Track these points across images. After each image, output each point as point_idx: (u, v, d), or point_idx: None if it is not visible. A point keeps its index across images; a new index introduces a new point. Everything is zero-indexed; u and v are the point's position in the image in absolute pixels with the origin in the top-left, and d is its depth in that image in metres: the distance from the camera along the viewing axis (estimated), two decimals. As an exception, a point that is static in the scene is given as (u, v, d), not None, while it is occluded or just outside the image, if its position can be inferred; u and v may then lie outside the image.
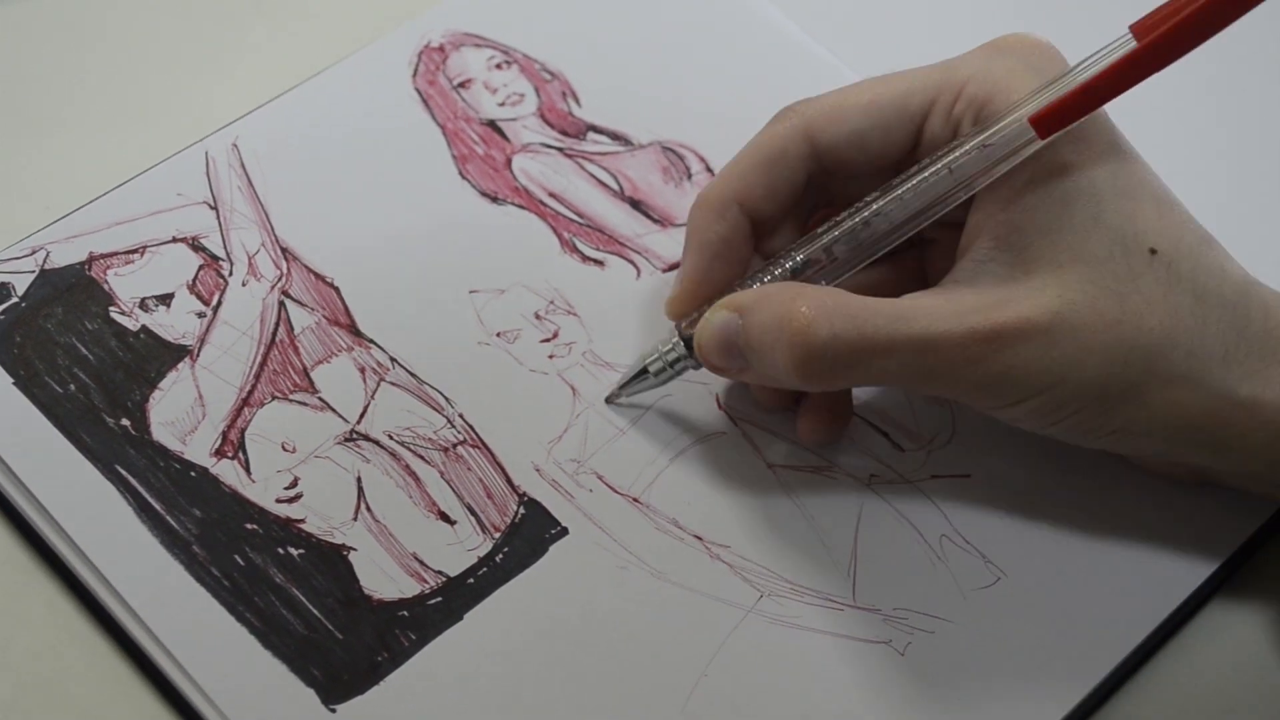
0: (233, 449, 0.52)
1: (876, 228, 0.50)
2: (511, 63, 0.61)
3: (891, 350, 0.47)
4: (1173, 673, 0.51)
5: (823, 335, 0.47)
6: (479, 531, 0.51)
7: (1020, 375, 0.47)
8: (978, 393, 0.48)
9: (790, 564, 0.51)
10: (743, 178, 0.52)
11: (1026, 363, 0.47)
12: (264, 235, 0.56)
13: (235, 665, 0.48)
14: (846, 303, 0.48)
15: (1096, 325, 0.47)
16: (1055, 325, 0.47)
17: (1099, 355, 0.47)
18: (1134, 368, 0.47)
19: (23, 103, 0.60)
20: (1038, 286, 0.47)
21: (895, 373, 0.48)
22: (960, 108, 0.50)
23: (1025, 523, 0.52)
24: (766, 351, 0.49)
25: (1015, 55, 0.50)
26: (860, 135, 0.51)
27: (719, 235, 0.52)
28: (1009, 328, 0.47)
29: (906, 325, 0.47)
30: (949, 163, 0.49)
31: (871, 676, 0.50)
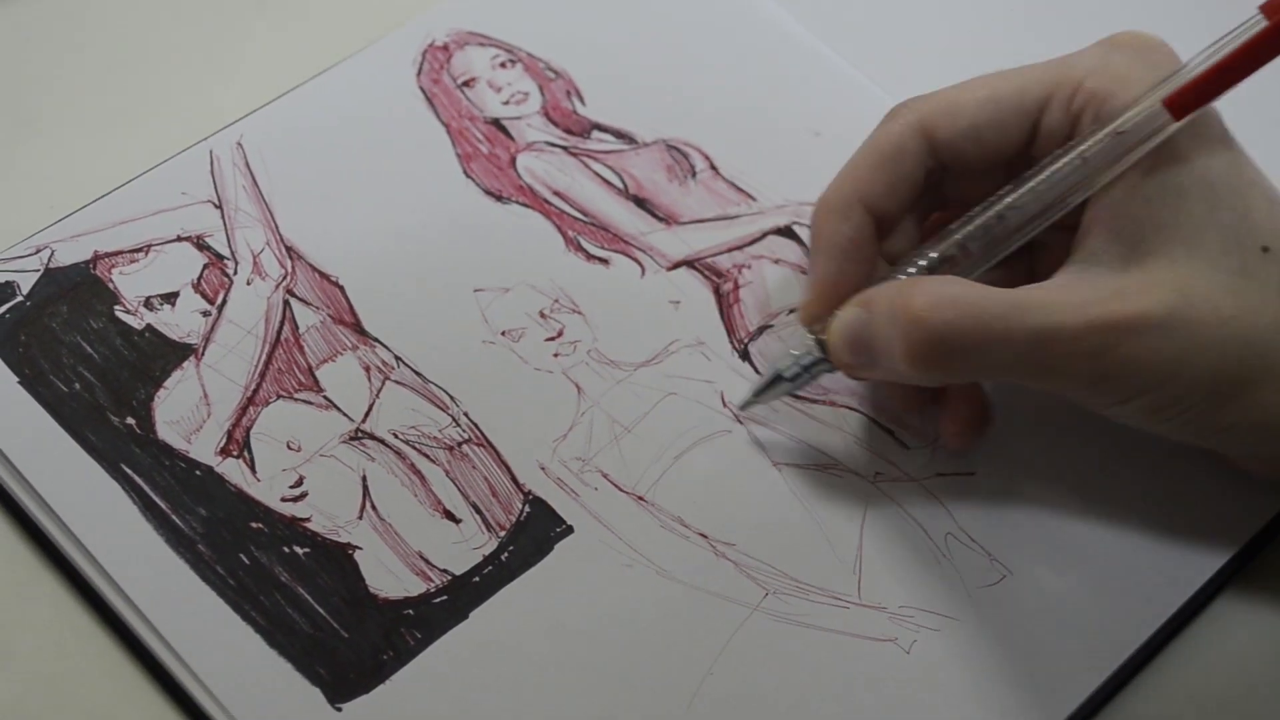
0: (238, 448, 0.52)
1: (1011, 221, 0.49)
2: (516, 61, 0.61)
3: (1008, 341, 0.47)
4: (1179, 669, 0.51)
5: (937, 324, 0.47)
6: (484, 530, 0.51)
7: (1135, 369, 0.47)
8: (1092, 387, 0.48)
9: (796, 562, 0.51)
10: (864, 177, 0.51)
11: (1142, 356, 0.47)
12: (269, 234, 0.56)
13: (241, 664, 0.48)
14: (963, 292, 0.47)
15: (1211, 320, 0.47)
16: (1171, 319, 0.47)
17: (1213, 351, 0.47)
18: (1247, 364, 0.47)
19: (27, 102, 0.60)
20: (1154, 280, 0.47)
21: (1011, 364, 0.48)
22: (1080, 100, 0.49)
23: (1030, 520, 0.52)
24: (887, 343, 0.48)
25: (1131, 51, 0.50)
26: (977, 130, 0.51)
27: (846, 236, 0.51)
28: (1125, 320, 0.47)
29: (1022, 316, 0.47)
30: (1082, 152, 0.48)
31: (877, 674, 0.50)
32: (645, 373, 0.55)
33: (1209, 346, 0.47)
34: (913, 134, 0.51)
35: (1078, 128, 0.50)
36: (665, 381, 0.54)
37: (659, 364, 0.55)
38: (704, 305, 0.56)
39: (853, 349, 0.50)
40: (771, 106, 0.61)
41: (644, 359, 0.55)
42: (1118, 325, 0.47)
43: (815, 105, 0.61)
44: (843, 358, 0.50)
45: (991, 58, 0.64)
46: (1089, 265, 0.48)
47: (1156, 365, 0.47)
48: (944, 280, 0.49)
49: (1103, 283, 0.48)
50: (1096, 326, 0.47)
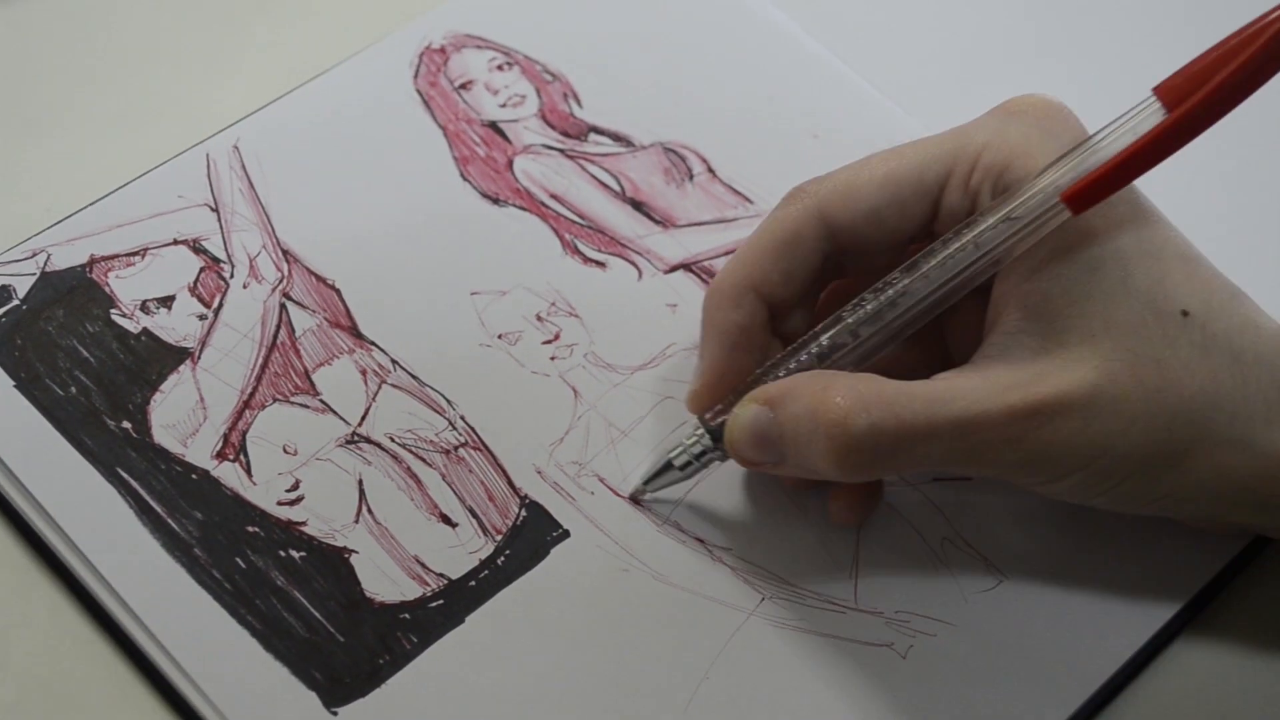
0: (234, 451, 0.52)
1: (903, 307, 0.48)
2: (513, 64, 0.61)
3: (932, 436, 0.46)
4: (1175, 675, 0.51)
5: (861, 426, 0.46)
6: (480, 534, 0.51)
7: (1063, 450, 0.46)
8: (1021, 471, 0.47)
9: (792, 567, 0.51)
10: (757, 264, 0.50)
11: (1069, 437, 0.46)
12: (265, 237, 0.56)
13: (237, 668, 0.48)
14: (881, 389, 0.46)
15: (1137, 394, 0.46)
16: (1095, 397, 0.46)
17: (1141, 424, 0.46)
18: (1178, 434, 0.46)
19: (23, 104, 0.60)
20: (1074, 358, 0.46)
21: (937, 458, 0.47)
22: (977, 178, 0.48)
23: (1027, 526, 0.52)
24: (803, 445, 0.47)
25: (1029, 119, 0.49)
26: (876, 213, 0.49)
27: (736, 324, 0.50)
28: (1048, 403, 0.46)
29: (945, 408, 0.46)
30: (974, 237, 0.47)
31: (873, 679, 0.50)
32: (642, 376, 0.55)
33: (1137, 421, 0.46)
34: (810, 220, 0.50)
35: (977, 203, 0.49)
36: (662, 385, 0.54)
37: (656, 367, 0.55)
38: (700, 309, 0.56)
39: (758, 448, 0.49)
40: (769, 109, 0.61)
41: (641, 362, 0.55)
42: (1039, 410, 0.46)
43: (813, 108, 0.61)
44: (746, 454, 0.49)
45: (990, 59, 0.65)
46: (1005, 348, 0.47)
47: (1082, 446, 0.46)
48: (858, 378, 0.47)
49: (1022, 366, 0.47)
50: (1019, 413, 0.46)
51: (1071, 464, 0.47)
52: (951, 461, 0.47)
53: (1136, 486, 0.47)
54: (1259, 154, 0.63)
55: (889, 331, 0.49)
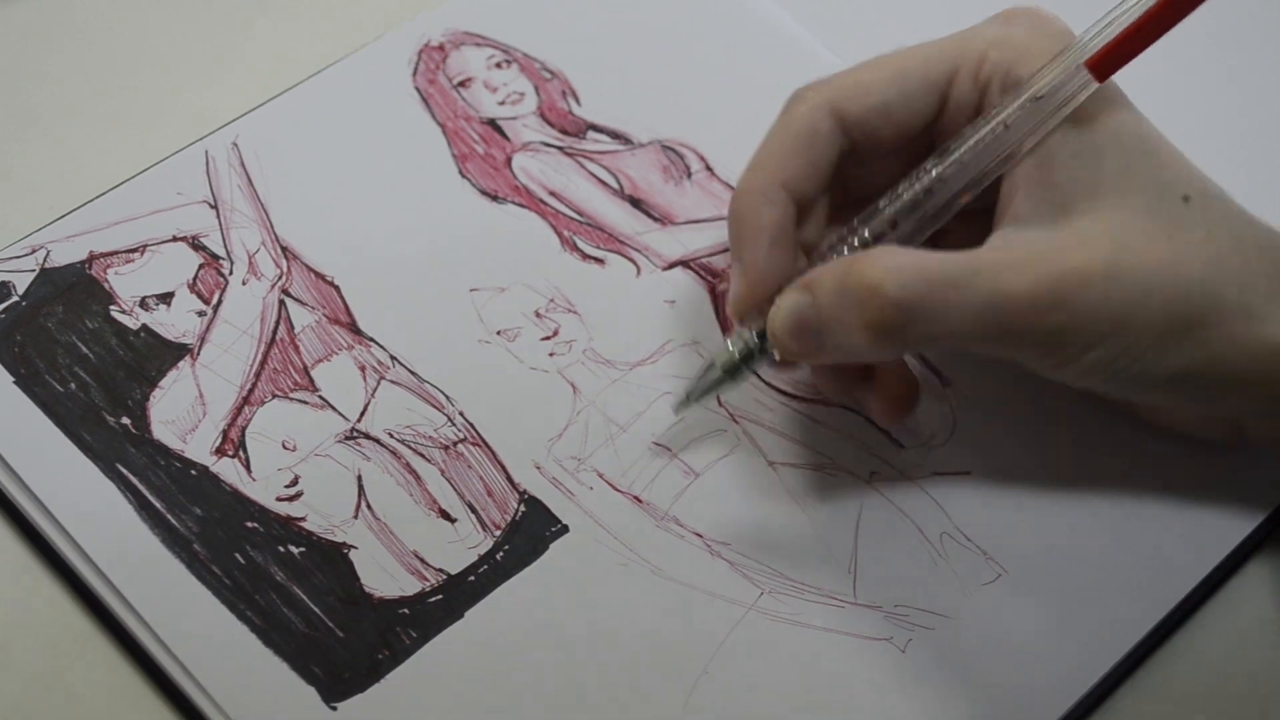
0: (233, 447, 0.52)
1: (939, 194, 0.49)
2: (511, 61, 0.61)
3: (964, 305, 0.47)
4: (1175, 668, 0.51)
5: (894, 292, 0.47)
6: (479, 529, 0.51)
7: (1086, 321, 0.47)
8: (1046, 345, 0.48)
9: (791, 561, 0.51)
10: (781, 160, 0.51)
11: (1093, 307, 0.47)
12: (264, 234, 0.56)
13: (236, 663, 0.48)
14: (915, 258, 0.47)
15: (1152, 265, 0.47)
16: (1113, 269, 0.47)
17: (1159, 294, 0.47)
18: (1193, 304, 0.48)
19: (23, 101, 0.60)
20: (1089, 234, 0.48)
21: (967, 329, 0.47)
22: (987, 71, 0.50)
23: (1026, 520, 0.52)
24: (840, 321, 0.48)
25: (1029, 23, 0.50)
26: (886, 106, 0.51)
27: (772, 220, 0.51)
28: (1070, 274, 0.47)
29: (977, 279, 0.47)
30: (1003, 119, 0.48)
31: (873, 673, 0.50)
32: (640, 372, 0.55)
33: (1153, 291, 0.47)
34: (824, 115, 0.51)
35: (986, 98, 0.50)
36: (660, 381, 0.54)
37: (654, 363, 0.55)
38: (699, 305, 0.56)
39: (799, 334, 0.49)
40: (767, 107, 0.60)
41: (639, 358, 0.55)
42: (1064, 279, 0.47)
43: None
44: (788, 345, 0.49)
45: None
46: (1019, 229, 0.49)
47: (1106, 315, 0.47)
48: (890, 250, 0.48)
49: (1040, 243, 0.48)
50: (1045, 283, 0.47)
51: (1093, 336, 0.47)
52: (981, 334, 0.48)
53: (1152, 362, 0.48)
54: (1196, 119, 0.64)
55: (926, 220, 0.50)
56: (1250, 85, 0.65)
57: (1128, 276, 0.47)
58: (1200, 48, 0.64)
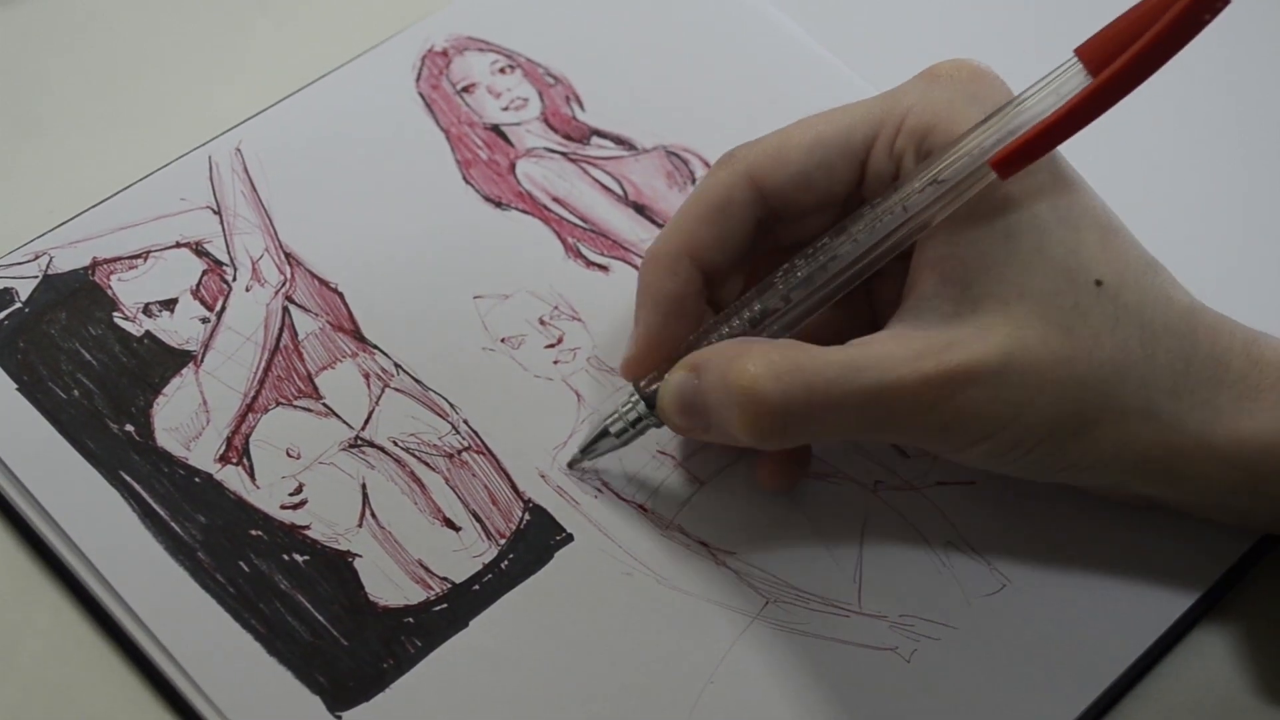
0: (237, 455, 0.52)
1: (832, 270, 0.49)
2: (515, 67, 0.61)
3: (844, 404, 0.47)
4: (1178, 680, 0.51)
5: (772, 395, 0.46)
6: (484, 538, 0.51)
7: (974, 417, 0.47)
8: (932, 438, 0.48)
9: (796, 570, 0.51)
10: (691, 230, 0.51)
11: (980, 404, 0.47)
12: (268, 240, 0.56)
13: (240, 672, 0.48)
14: (794, 358, 0.47)
15: (1047, 362, 0.47)
16: (1006, 365, 0.46)
17: (1051, 392, 0.47)
18: (1086, 403, 0.47)
19: (25, 106, 0.60)
20: (986, 325, 0.47)
21: (850, 426, 0.48)
22: (902, 141, 0.49)
23: (1030, 530, 0.52)
24: (721, 411, 0.48)
25: (953, 84, 0.49)
26: (805, 175, 0.50)
27: (672, 291, 0.50)
28: (960, 370, 0.46)
29: (858, 376, 0.47)
30: (901, 199, 0.48)
31: (877, 683, 0.50)
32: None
33: (1046, 389, 0.47)
34: (740, 184, 0.50)
35: (901, 167, 0.49)
36: (665, 389, 0.54)
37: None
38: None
39: (685, 414, 0.49)
40: (772, 112, 0.60)
41: (644, 366, 0.55)
42: (952, 377, 0.46)
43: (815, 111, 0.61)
44: (675, 421, 0.50)
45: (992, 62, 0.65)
46: (920, 313, 0.48)
47: (993, 413, 0.47)
48: (773, 345, 0.48)
49: (935, 333, 0.47)
50: (931, 380, 0.46)
51: (981, 431, 0.47)
52: (865, 429, 0.48)
53: (1045, 455, 0.48)
54: (1183, 119, 0.64)
55: (820, 295, 0.49)
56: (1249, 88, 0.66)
57: (1018, 376, 0.46)
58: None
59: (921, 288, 0.48)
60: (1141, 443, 0.48)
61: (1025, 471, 0.49)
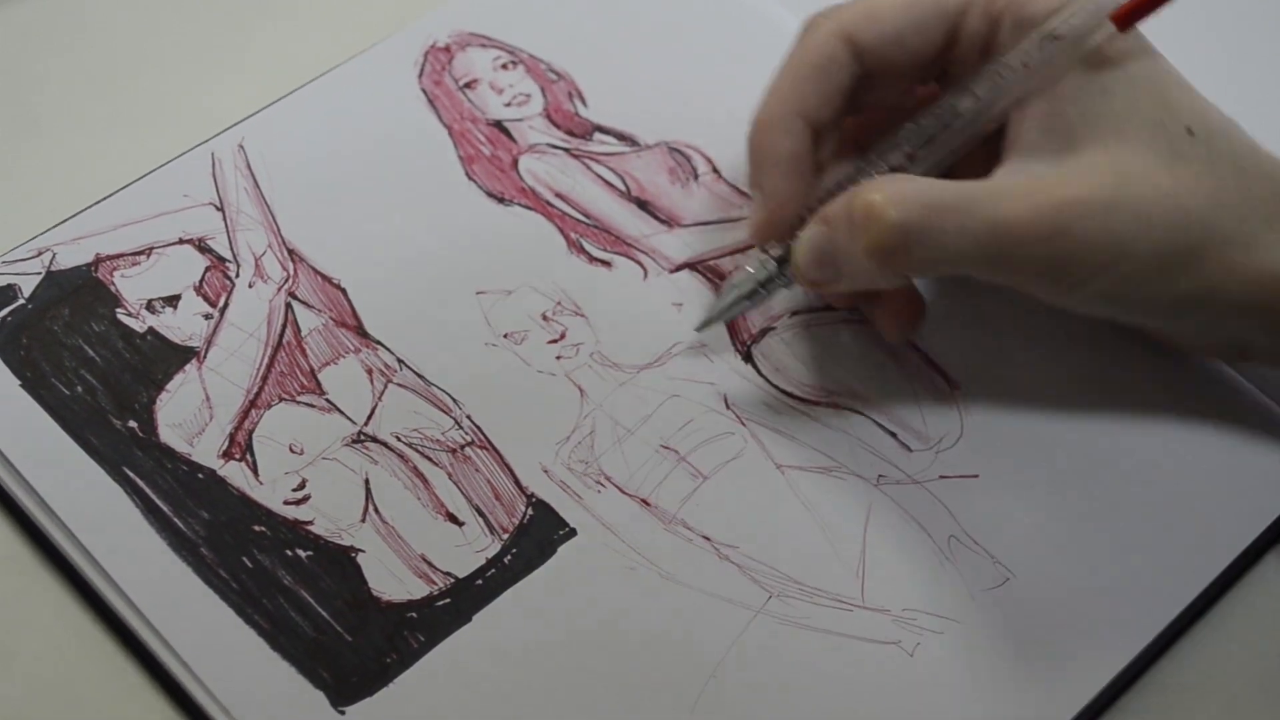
0: (240, 451, 0.52)
1: (956, 127, 0.51)
2: (517, 63, 0.61)
3: (964, 230, 0.48)
4: (1183, 673, 0.51)
5: (893, 215, 0.48)
6: (487, 533, 0.51)
7: (1088, 250, 0.48)
8: (1048, 274, 0.49)
9: (799, 565, 0.51)
10: (799, 90, 0.53)
11: (1092, 235, 0.48)
12: (270, 236, 0.56)
13: (244, 667, 0.48)
14: (917, 184, 0.49)
15: (1152, 196, 0.49)
16: (1115, 197, 0.48)
17: (1159, 223, 0.49)
18: (1192, 233, 0.49)
19: (27, 103, 0.60)
20: (1092, 165, 0.49)
21: (969, 254, 0.49)
22: (999, 5, 0.51)
23: (1033, 523, 0.52)
24: (849, 247, 0.50)
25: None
26: (899, 34, 0.52)
27: (790, 151, 0.53)
28: (1072, 201, 0.48)
29: (976, 205, 0.48)
30: (1021, 57, 0.50)
31: (881, 677, 0.50)
32: (648, 375, 0.55)
33: (1154, 221, 0.49)
34: (839, 42, 0.53)
35: (998, 32, 0.51)
36: (668, 384, 0.54)
37: (662, 366, 0.55)
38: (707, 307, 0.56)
39: (819, 265, 0.51)
40: (773, 108, 0.61)
41: (647, 361, 0.55)
42: (1065, 208, 0.48)
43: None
44: (810, 274, 0.52)
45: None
46: (1025, 161, 0.50)
47: (1107, 244, 0.48)
48: (893, 178, 0.50)
49: (1044, 173, 0.49)
50: (1045, 212, 0.48)
51: (1095, 264, 0.49)
52: (983, 259, 0.49)
53: (1156, 290, 0.49)
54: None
55: (943, 152, 0.51)
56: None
57: (1127, 207, 0.48)
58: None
59: (1024, 140, 0.50)
60: (1245, 271, 0.49)
61: (1133, 310, 0.51)
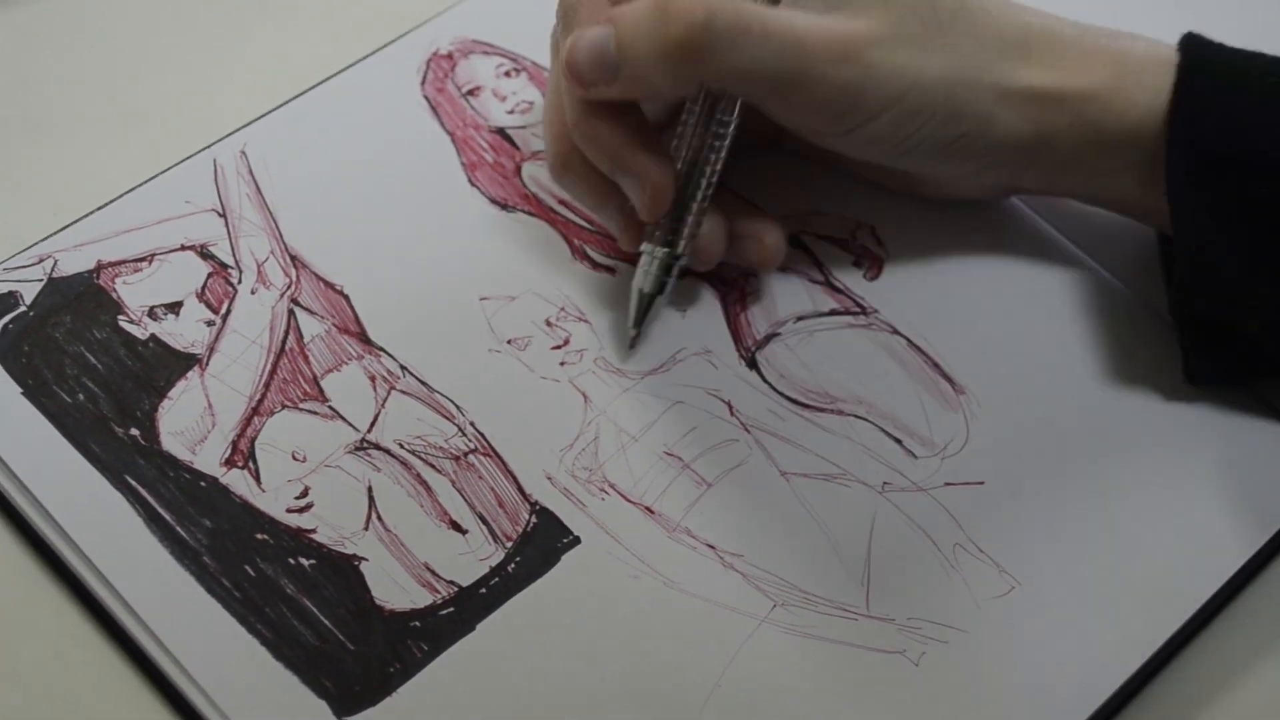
0: (243, 458, 0.52)
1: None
2: (520, 70, 0.61)
3: (766, 37, 0.49)
4: (1188, 682, 0.51)
5: (701, 16, 0.48)
6: (491, 541, 0.51)
7: (880, 78, 0.50)
8: (838, 101, 0.51)
9: (803, 573, 0.51)
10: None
11: (884, 64, 0.50)
12: (273, 243, 0.56)
13: (246, 676, 0.48)
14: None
15: (934, 31, 0.51)
16: (904, 32, 0.50)
17: (939, 58, 0.51)
18: (967, 71, 0.51)
19: (29, 108, 0.60)
20: (865, 10, 0.50)
21: (768, 68, 0.50)
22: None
23: (1039, 531, 0.52)
24: (640, 46, 0.49)
25: None
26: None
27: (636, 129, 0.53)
28: (868, 32, 0.50)
29: (780, 21, 0.49)
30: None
31: (886, 686, 0.49)
32: (652, 381, 0.54)
33: (934, 54, 0.51)
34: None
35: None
36: (672, 390, 0.54)
37: (666, 372, 0.55)
38: (711, 314, 0.56)
39: (597, 62, 0.50)
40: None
41: (650, 367, 0.55)
42: (861, 35, 0.50)
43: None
44: (583, 72, 0.51)
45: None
46: (799, 6, 0.51)
47: (892, 74, 0.50)
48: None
49: (826, 13, 0.50)
50: (839, 36, 0.50)
51: (885, 95, 0.51)
52: (780, 77, 0.50)
53: (941, 125, 0.52)
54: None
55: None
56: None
57: (907, 42, 0.50)
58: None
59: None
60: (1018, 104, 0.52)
61: (922, 151, 0.52)
